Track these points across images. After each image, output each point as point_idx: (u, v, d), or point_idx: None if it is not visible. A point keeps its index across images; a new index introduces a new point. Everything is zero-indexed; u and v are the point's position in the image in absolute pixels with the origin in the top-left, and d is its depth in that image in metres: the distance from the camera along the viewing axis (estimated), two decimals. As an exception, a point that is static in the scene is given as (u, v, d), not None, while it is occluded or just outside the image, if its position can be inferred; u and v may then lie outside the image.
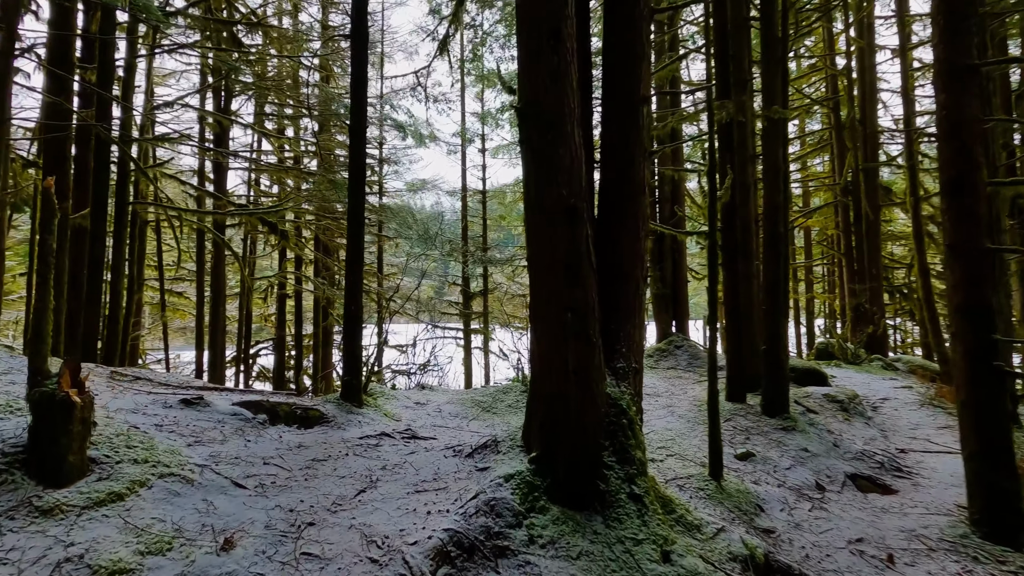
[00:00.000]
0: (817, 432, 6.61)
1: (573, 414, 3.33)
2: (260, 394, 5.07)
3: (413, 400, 7.71)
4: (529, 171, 3.52)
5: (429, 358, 10.89)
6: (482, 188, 16.64)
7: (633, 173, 3.80)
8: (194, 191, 10.21)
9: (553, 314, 3.39)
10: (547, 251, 3.42)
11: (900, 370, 11.82)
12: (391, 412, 5.59)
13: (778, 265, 6.68)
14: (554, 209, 3.43)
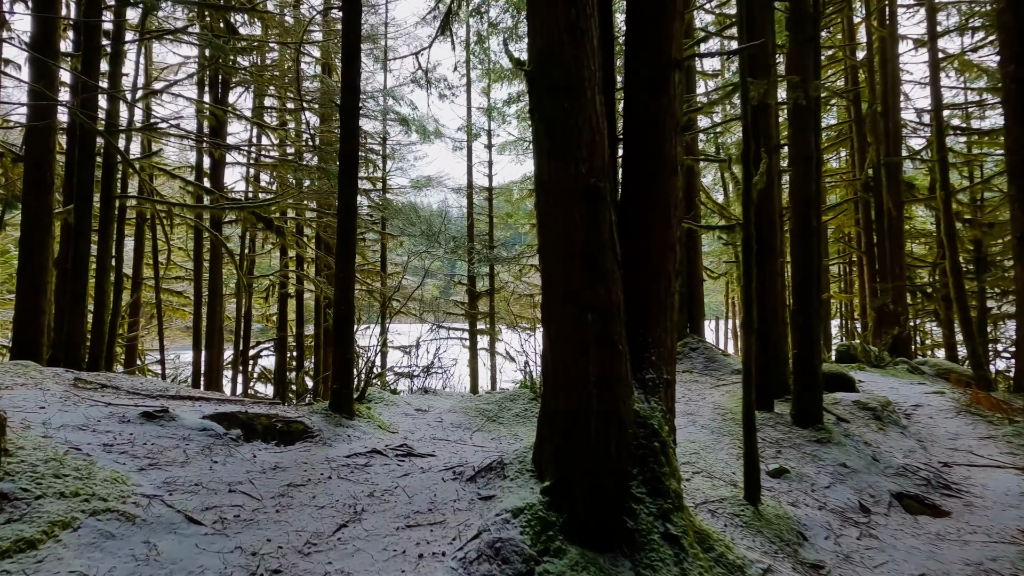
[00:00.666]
0: (854, 444, 5.97)
1: (595, 436, 2.74)
2: (240, 403, 4.51)
3: (414, 406, 7.14)
4: (541, 146, 2.93)
5: (433, 360, 10.32)
6: (488, 185, 16.07)
7: (663, 149, 3.20)
8: (187, 185, 9.70)
9: (570, 315, 2.81)
10: (563, 240, 2.84)
11: (927, 374, 11.13)
12: (386, 423, 5.02)
13: (811, 262, 6.06)
14: (571, 190, 2.85)
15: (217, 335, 11.06)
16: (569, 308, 2.82)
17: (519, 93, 11.77)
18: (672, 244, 3.20)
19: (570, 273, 2.82)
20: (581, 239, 2.81)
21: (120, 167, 8.11)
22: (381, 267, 14.37)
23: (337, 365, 4.65)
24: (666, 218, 3.17)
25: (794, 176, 6.10)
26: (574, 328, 2.80)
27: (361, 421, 4.64)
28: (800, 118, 6.07)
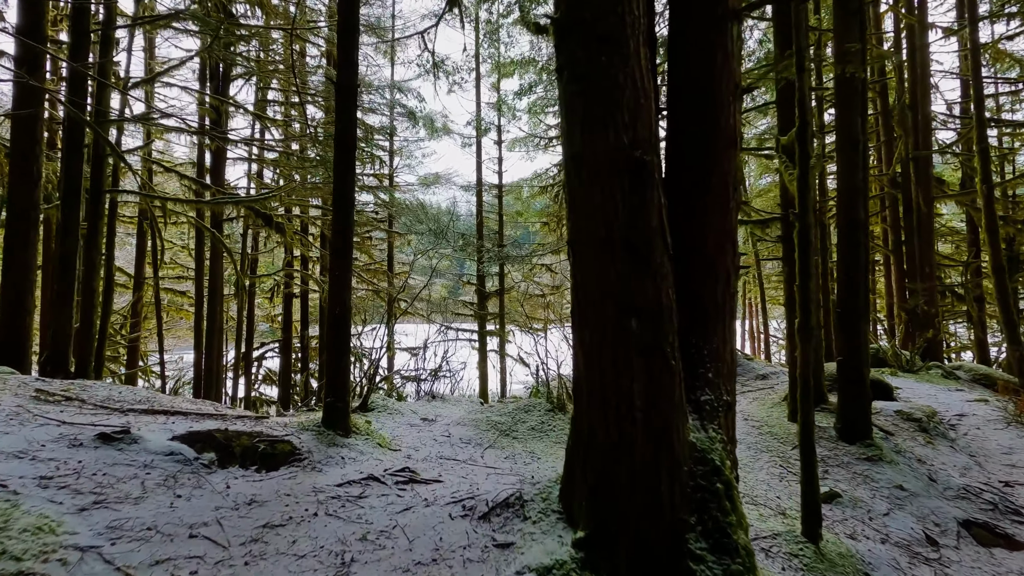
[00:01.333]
0: (907, 462, 5.32)
1: (641, 475, 2.14)
2: (221, 419, 3.95)
3: (420, 415, 6.57)
4: (573, 112, 2.34)
5: (441, 363, 9.74)
6: (498, 182, 15.47)
7: (719, 117, 2.59)
8: (183, 180, 9.19)
9: (609, 320, 2.21)
10: (601, 227, 2.24)
11: (963, 379, 10.40)
12: (387, 439, 4.44)
13: (858, 259, 5.42)
14: (612, 165, 2.25)
15: (217, 336, 10.55)
16: (608, 311, 2.22)
17: (531, 84, 11.22)
18: (731, 232, 2.59)
19: (609, 267, 2.22)
20: (623, 225, 2.21)
21: (111, 160, 7.60)
22: (388, 266, 13.82)
23: (332, 375, 4.08)
24: (723, 201, 2.56)
25: (840, 164, 5.46)
26: (614, 336, 2.20)
27: (358, 439, 4.06)
28: (847, 99, 5.42)
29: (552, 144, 15.70)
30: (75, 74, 7.10)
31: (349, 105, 4.20)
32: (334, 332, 4.06)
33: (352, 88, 4.23)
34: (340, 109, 4.19)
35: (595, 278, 2.23)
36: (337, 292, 4.09)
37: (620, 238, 2.20)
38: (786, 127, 5.82)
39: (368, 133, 12.86)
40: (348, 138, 4.16)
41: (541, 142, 15.59)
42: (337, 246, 4.13)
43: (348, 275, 4.12)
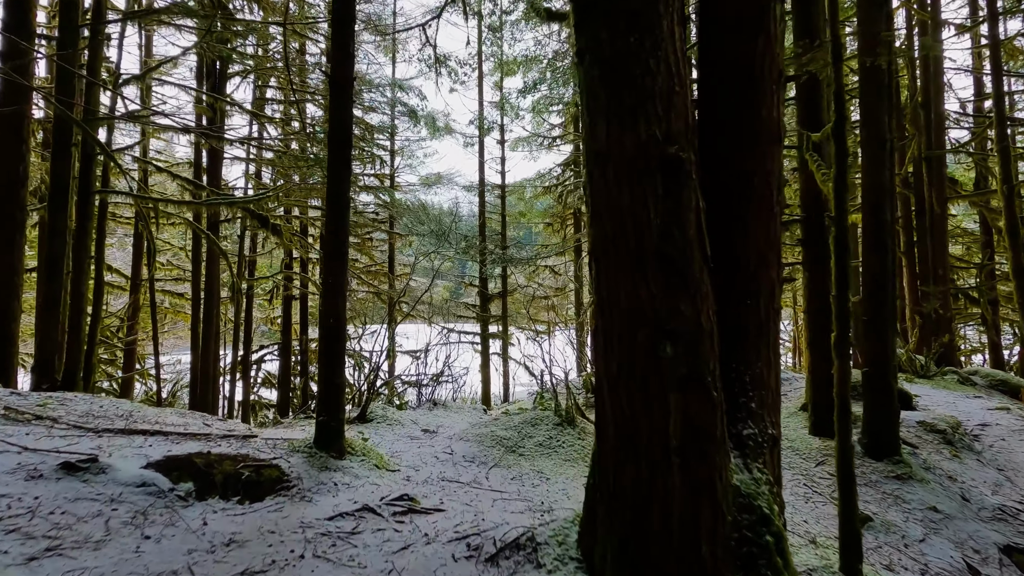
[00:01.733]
0: (938, 480, 4.99)
1: (679, 528, 1.81)
2: (205, 439, 3.62)
3: (421, 426, 6.25)
4: (596, 101, 2.00)
5: (443, 368, 9.41)
6: (501, 182, 15.14)
7: (761, 107, 2.26)
8: (175, 180, 8.87)
9: (639, 345, 1.88)
10: (629, 235, 1.91)
11: (979, 385, 10.05)
12: (385, 458, 4.10)
13: (885, 263, 5.08)
14: (642, 163, 1.92)
15: (213, 340, 10.24)
16: (638, 335, 1.89)
17: (536, 81, 10.88)
18: (775, 241, 2.25)
19: (640, 284, 1.89)
20: (656, 234, 1.88)
21: (102, 160, 7.28)
22: (389, 268, 13.50)
23: (324, 392, 3.75)
24: (767, 205, 2.23)
25: (866, 162, 5.12)
26: (645, 364, 1.87)
27: (353, 460, 3.73)
28: (873, 93, 5.08)
29: (556, 144, 15.37)
30: (63, 70, 6.79)
31: (344, 99, 3.87)
32: (327, 344, 3.74)
33: (347, 81, 3.90)
34: (335, 103, 3.86)
35: (623, 296, 1.90)
36: (331, 300, 3.76)
37: (653, 249, 1.87)
38: (810, 123, 5.48)
39: (368, 132, 12.54)
40: (343, 134, 3.83)
41: (545, 142, 15.26)
42: (331, 249, 3.80)
43: (343, 281, 3.79)
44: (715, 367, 1.91)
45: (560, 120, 15.57)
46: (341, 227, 3.80)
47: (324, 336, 3.74)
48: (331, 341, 3.73)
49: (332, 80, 3.87)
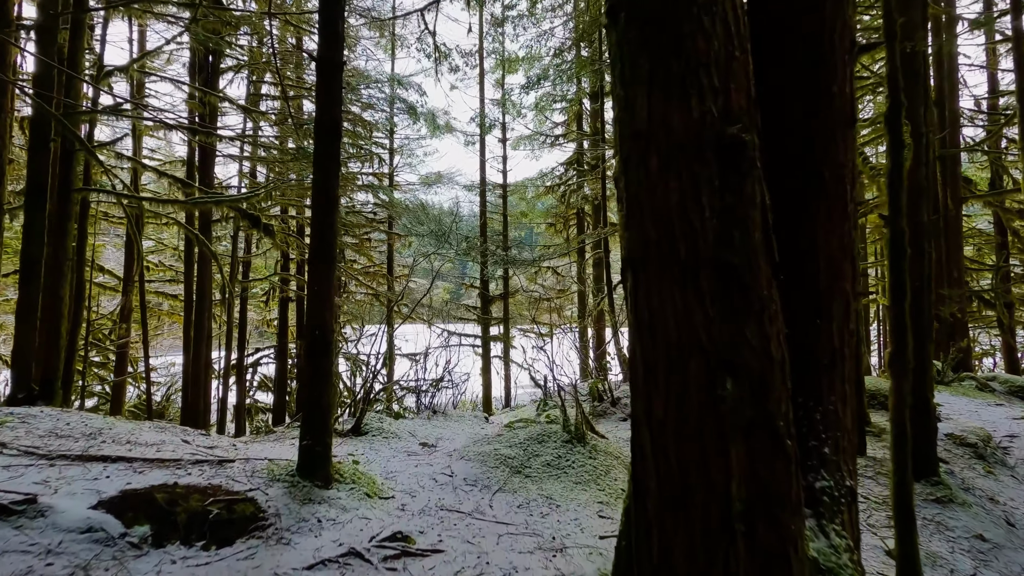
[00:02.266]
0: (979, 503, 4.57)
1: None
2: (175, 466, 3.19)
3: (419, 438, 5.83)
4: (636, 67, 1.57)
5: (443, 374, 8.98)
6: (503, 182, 14.70)
7: (831, 83, 1.83)
8: (161, 177, 8.44)
9: (691, 379, 1.45)
10: (675, 238, 1.48)
11: (998, 391, 9.63)
12: (377, 483, 3.67)
13: (921, 267, 4.66)
14: (693, 145, 1.49)
15: (205, 343, 9.81)
16: (689, 366, 1.46)
17: (539, 76, 10.45)
18: (849, 247, 1.82)
19: (692, 301, 1.46)
20: (712, 237, 1.46)
21: (84, 157, 6.85)
22: (387, 269, 13.07)
23: (309, 413, 3.32)
24: (840, 202, 1.80)
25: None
26: (701, 406, 1.44)
27: (342, 489, 3.30)
28: (908, 82, 4.65)
29: (559, 142, 14.94)
30: (41, 62, 6.37)
31: (332, 84, 3.44)
32: (312, 359, 3.31)
33: (336, 63, 3.47)
34: (323, 88, 3.44)
35: (670, 318, 1.47)
36: (317, 309, 3.33)
37: (708, 257, 1.44)
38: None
39: (366, 128, 12.12)
40: (331, 122, 3.40)
41: (547, 140, 14.83)
42: (317, 252, 3.37)
43: (330, 288, 3.37)
44: (787, 409, 1.48)
45: (563, 118, 15.15)
46: (328, 227, 3.37)
47: (308, 350, 3.31)
48: (316, 356, 3.30)
49: (319, 62, 3.44)
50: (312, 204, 3.37)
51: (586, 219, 14.70)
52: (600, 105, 10.65)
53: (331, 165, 3.37)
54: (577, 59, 10.84)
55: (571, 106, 14.24)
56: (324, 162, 3.37)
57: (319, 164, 3.37)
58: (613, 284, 9.81)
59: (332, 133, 3.43)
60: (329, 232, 3.34)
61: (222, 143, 10.24)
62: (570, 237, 15.52)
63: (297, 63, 11.70)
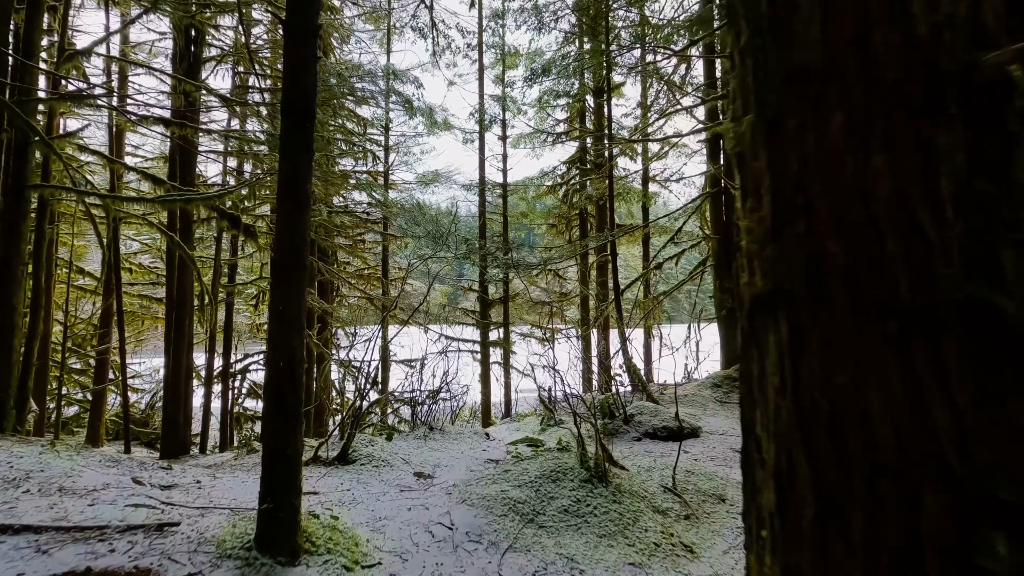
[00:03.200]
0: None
1: None
2: (98, 535, 2.47)
3: (413, 468, 5.12)
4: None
5: (441, 385, 8.26)
6: (503, 181, 13.99)
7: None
8: (129, 171, 7.68)
9: (925, 529, 0.73)
10: (886, 257, 0.77)
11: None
12: (360, 545, 2.95)
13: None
14: (915, 86, 0.77)
15: (185, 350, 9.07)
16: (924, 504, 0.74)
17: (544, 67, 9.74)
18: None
19: (924, 379, 0.75)
20: (959, 257, 0.74)
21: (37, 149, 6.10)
22: (382, 272, 12.34)
23: (270, 467, 2.59)
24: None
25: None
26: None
27: (313, 564, 2.57)
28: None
29: (561, 140, 14.24)
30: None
31: (304, 54, 2.73)
32: (276, 399, 2.59)
33: (309, 30, 2.75)
34: (292, 56, 2.72)
35: (881, 410, 0.77)
36: (283, 335, 2.61)
37: (955, 298, 0.73)
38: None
39: (359, 125, 11.39)
40: (302, 100, 2.68)
41: (549, 138, 14.13)
42: (282, 263, 2.65)
43: (299, 307, 2.65)
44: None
45: (565, 115, 14.46)
46: (298, 231, 2.65)
47: (271, 386, 2.59)
48: (281, 393, 2.58)
49: (287, 26, 2.72)
50: (278, 201, 2.65)
51: (589, 220, 14.01)
52: (608, 100, 9.96)
53: (301, 153, 2.65)
54: (581, 50, 10.14)
55: (574, 102, 13.56)
56: (293, 149, 2.65)
57: (287, 152, 2.65)
58: (621, 289, 9.11)
59: (303, 114, 2.71)
60: (298, 237, 2.62)
61: (205, 138, 9.49)
62: (572, 238, 14.83)
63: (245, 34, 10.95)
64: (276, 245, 2.61)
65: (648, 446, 6.27)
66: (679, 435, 6.60)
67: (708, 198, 8.97)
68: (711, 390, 8.36)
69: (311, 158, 2.67)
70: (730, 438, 6.66)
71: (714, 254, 8.93)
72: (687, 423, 6.69)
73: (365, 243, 12.46)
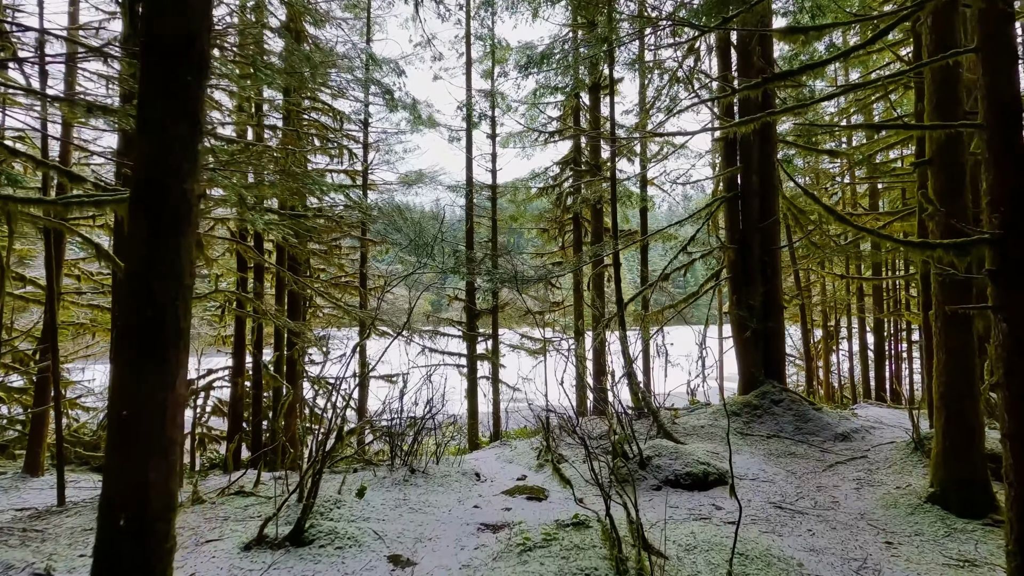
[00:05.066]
0: None
1: None
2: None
3: (387, 546, 3.92)
4: None
5: (424, 416, 7.02)
6: (492, 182, 12.81)
7: None
8: (37, 166, 6.28)
9: None
10: None
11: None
12: None
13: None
14: None
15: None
16: None
17: (542, 55, 8.57)
18: None
19: None
20: None
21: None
22: (360, 281, 11.06)
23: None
24: None
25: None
26: None
27: None
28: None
29: (553, 139, 13.10)
30: None
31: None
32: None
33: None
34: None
35: None
36: (131, 474, 1.41)
37: None
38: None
39: (335, 119, 10.12)
40: (178, 35, 1.48)
41: (540, 137, 12.98)
42: (136, 333, 1.45)
43: (162, 415, 1.46)
44: None
45: (558, 113, 13.33)
46: (167, 267, 1.45)
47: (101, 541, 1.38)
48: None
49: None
50: (130, 209, 1.44)
51: (584, 225, 12.90)
52: (611, 95, 8.84)
53: (177, 123, 1.45)
54: (586, 35, 9.00)
55: (568, 99, 12.44)
56: (159, 116, 1.45)
57: (150, 122, 1.45)
58: (624, 304, 7.99)
59: (179, 57, 1.51)
60: (164, 282, 1.42)
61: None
62: (565, 244, 13.72)
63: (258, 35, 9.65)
64: (122, 296, 1.41)
65: (672, 497, 5.18)
66: (705, 483, 5.54)
67: (723, 203, 7.91)
68: (729, 420, 7.30)
69: (197, 132, 1.48)
70: (762, 484, 5.60)
71: (730, 265, 7.88)
72: (712, 467, 5.61)
73: (341, 249, 11.18)
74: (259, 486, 5.46)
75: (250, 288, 9.91)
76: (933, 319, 4.74)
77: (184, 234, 1.42)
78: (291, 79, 8.55)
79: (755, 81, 4.91)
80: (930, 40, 4.68)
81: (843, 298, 14.65)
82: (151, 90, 1.46)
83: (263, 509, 4.77)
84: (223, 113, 9.94)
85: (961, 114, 4.51)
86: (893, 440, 6.72)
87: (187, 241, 1.42)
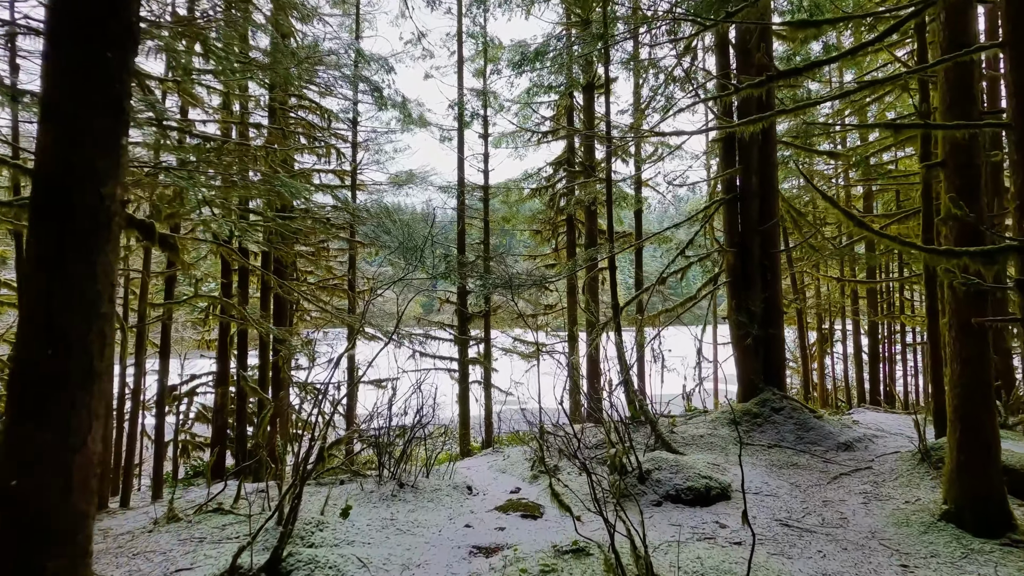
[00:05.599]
0: None
1: None
2: None
3: (373, 574, 3.62)
4: None
5: (414, 426, 6.68)
6: (484, 183, 12.50)
7: None
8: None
9: None
10: None
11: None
12: None
13: None
14: None
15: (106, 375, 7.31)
16: None
17: (536, 52, 8.29)
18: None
19: None
20: None
21: None
22: (349, 284, 10.71)
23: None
24: None
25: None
26: None
27: None
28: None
29: (546, 139, 12.83)
30: None
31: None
32: None
33: None
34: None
35: None
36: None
37: None
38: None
39: (323, 117, 9.78)
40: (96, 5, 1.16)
41: (533, 137, 12.70)
42: (40, 365, 1.14)
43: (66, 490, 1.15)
44: None
45: (551, 112, 13.05)
46: (79, 288, 1.15)
47: None
48: None
49: None
50: (30, 220, 1.13)
51: (578, 226, 12.64)
52: (607, 94, 8.57)
53: (92, 111, 1.14)
54: (579, 31, 8.73)
55: (562, 98, 12.17)
56: (70, 101, 1.15)
57: (54, 109, 1.14)
58: (620, 308, 7.73)
59: (106, 32, 1.20)
60: (70, 313, 1.11)
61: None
62: (558, 245, 13.45)
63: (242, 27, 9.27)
64: (21, 325, 1.10)
65: (673, 514, 4.91)
66: (707, 498, 5.28)
67: (722, 205, 7.67)
68: (729, 428, 7.06)
69: (121, 123, 1.17)
70: (766, 498, 5.35)
71: (729, 269, 7.64)
72: (714, 481, 5.35)
73: (329, 251, 10.83)
74: (239, 502, 5.11)
75: (234, 292, 9.52)
76: (946, 328, 4.51)
77: (100, 251, 1.12)
78: (276, 75, 8.18)
79: (759, 79, 4.66)
80: (943, 37, 4.45)
81: (837, 301, 14.51)
82: (58, 68, 1.15)
83: (241, 529, 4.45)
84: (210, 110, 9.55)
85: (977, 114, 4.29)
86: (897, 450, 6.50)
87: (104, 259, 1.11)
